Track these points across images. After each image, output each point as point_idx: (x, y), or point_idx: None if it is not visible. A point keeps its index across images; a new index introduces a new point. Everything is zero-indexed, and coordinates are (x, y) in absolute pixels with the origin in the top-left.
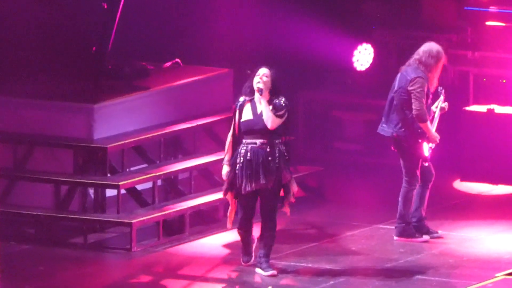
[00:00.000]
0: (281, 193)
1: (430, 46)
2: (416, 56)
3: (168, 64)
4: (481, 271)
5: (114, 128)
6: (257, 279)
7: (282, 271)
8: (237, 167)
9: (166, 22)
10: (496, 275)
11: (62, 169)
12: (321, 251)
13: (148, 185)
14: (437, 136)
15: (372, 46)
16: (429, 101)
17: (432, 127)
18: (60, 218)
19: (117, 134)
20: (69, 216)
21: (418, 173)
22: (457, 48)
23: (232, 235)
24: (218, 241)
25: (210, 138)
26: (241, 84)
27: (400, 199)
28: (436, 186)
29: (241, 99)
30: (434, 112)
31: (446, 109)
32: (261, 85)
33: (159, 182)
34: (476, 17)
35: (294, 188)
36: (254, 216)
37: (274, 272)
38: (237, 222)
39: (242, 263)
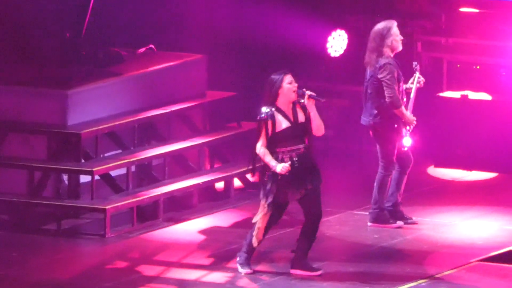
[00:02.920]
0: None
1: (376, 28)
2: (373, 44)
3: (142, 50)
4: (455, 257)
5: (88, 114)
6: (232, 264)
7: (257, 257)
8: (279, 177)
9: (140, 8)
10: (470, 261)
11: (36, 155)
12: (296, 237)
13: (122, 171)
14: (413, 119)
15: (346, 32)
16: (402, 84)
17: (409, 107)
18: (34, 204)
19: (91, 120)
20: (43, 202)
21: (394, 159)
22: (431, 35)
23: (206, 221)
24: (192, 227)
25: (184, 124)
26: (215, 70)
27: (375, 184)
28: (410, 172)
29: (266, 109)
30: (410, 91)
31: (423, 84)
32: (309, 92)
33: (133, 168)
34: (449, 4)
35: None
36: None
37: (321, 271)
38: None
39: (245, 272)
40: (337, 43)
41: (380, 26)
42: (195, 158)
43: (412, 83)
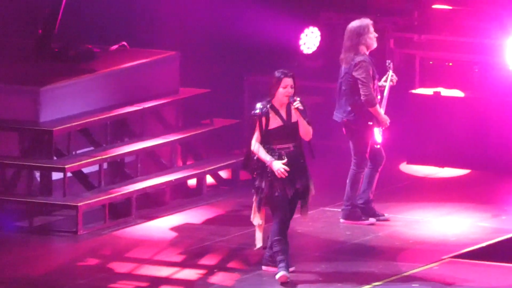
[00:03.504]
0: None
1: (348, 27)
2: (349, 42)
3: (115, 47)
4: (428, 254)
5: (60, 111)
6: (205, 260)
7: (229, 254)
8: (269, 175)
9: (113, 4)
10: (443, 257)
11: (8, 152)
12: (266, 234)
13: (95, 168)
14: (387, 119)
15: (319, 29)
16: (376, 82)
17: (383, 106)
18: (6, 201)
19: (63, 117)
20: (15, 199)
21: (367, 156)
22: (403, 31)
23: (178, 218)
24: (165, 224)
25: (157, 121)
26: (188, 67)
27: (348, 181)
28: (383, 169)
29: (260, 105)
30: (383, 89)
31: (395, 82)
32: (297, 104)
33: (105, 165)
34: (422, 0)
35: (313, 189)
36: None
37: (293, 267)
38: (274, 232)
39: (282, 279)
40: (309, 40)
41: (356, 24)
42: (167, 155)
43: (385, 81)
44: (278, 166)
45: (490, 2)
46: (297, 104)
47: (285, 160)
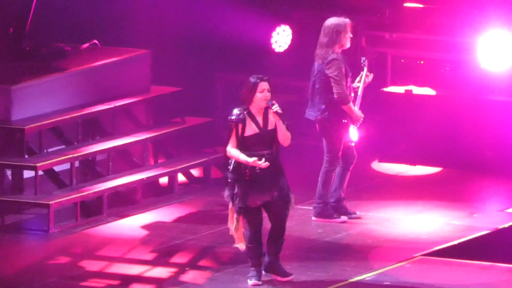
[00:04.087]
0: None
1: (327, 23)
2: (326, 38)
3: (86, 45)
4: (399, 252)
5: (32, 109)
6: (176, 259)
7: (200, 252)
8: (243, 182)
9: (84, 3)
10: (414, 255)
11: None
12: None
13: (66, 166)
14: (361, 116)
15: (291, 27)
16: (349, 79)
17: (357, 104)
18: None
19: (34, 116)
20: None
21: (339, 154)
22: (375, 30)
23: (149, 216)
24: (136, 222)
25: (128, 119)
26: (159, 66)
27: (319, 179)
28: (355, 167)
29: (237, 111)
30: (357, 89)
31: (371, 79)
32: (276, 108)
33: (77, 164)
34: None
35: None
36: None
37: (292, 275)
38: (246, 238)
39: (251, 283)
40: (281, 38)
41: (335, 21)
42: (139, 153)
43: (359, 81)
44: (253, 160)
45: (462, 1)
46: (275, 107)
47: (266, 163)
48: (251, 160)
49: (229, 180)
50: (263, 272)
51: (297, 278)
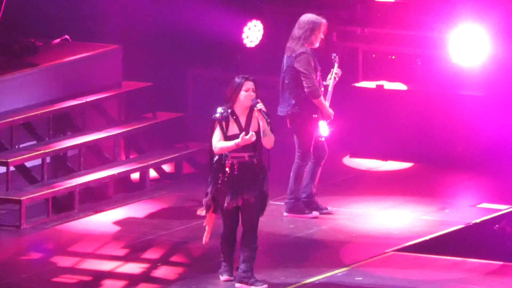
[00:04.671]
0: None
1: (303, 18)
2: (300, 32)
3: (57, 40)
4: (371, 247)
5: (3, 105)
6: (148, 254)
7: (172, 248)
8: (220, 181)
9: None
10: (386, 250)
11: None
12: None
13: (37, 162)
14: (331, 113)
15: (262, 22)
16: (319, 74)
17: (327, 100)
18: None
19: (5, 111)
20: None
21: (311, 149)
22: (346, 25)
23: (121, 212)
24: (108, 218)
25: (100, 115)
26: (130, 61)
27: (291, 175)
28: (326, 162)
29: (221, 110)
30: (328, 85)
31: (340, 74)
32: (260, 106)
33: (48, 159)
34: None
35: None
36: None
37: (266, 285)
38: (219, 236)
39: (222, 279)
40: (252, 33)
41: (312, 18)
42: (110, 148)
43: (330, 78)
44: (242, 137)
45: None
46: (260, 105)
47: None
48: (233, 142)
49: (209, 179)
50: (237, 284)
51: (268, 273)
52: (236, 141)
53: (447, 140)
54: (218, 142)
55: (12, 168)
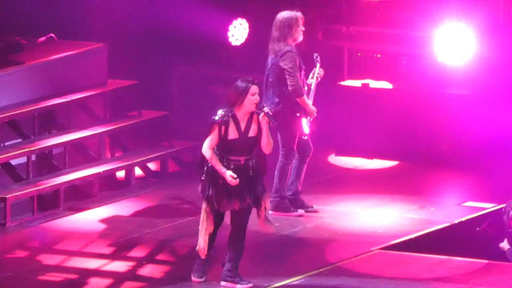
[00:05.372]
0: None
1: (278, 18)
2: (278, 33)
3: (42, 39)
4: (356, 245)
5: None
6: (133, 253)
7: (158, 246)
8: (221, 183)
9: None
10: (371, 249)
11: None
12: (197, 226)
13: (23, 160)
14: (314, 110)
15: (248, 21)
16: (303, 72)
17: (310, 99)
18: None
19: None
20: None
21: (295, 147)
22: (331, 23)
23: (106, 210)
24: (93, 216)
25: (85, 113)
26: (115, 59)
27: (276, 173)
28: (311, 161)
29: (222, 112)
30: (311, 84)
31: (322, 75)
32: (267, 109)
33: (33, 157)
34: None
35: (267, 203)
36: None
37: (251, 284)
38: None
39: (194, 279)
40: (238, 31)
41: (286, 15)
42: (95, 147)
43: (312, 78)
44: (229, 175)
45: None
46: (266, 109)
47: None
48: (226, 173)
49: (203, 178)
50: (222, 282)
51: (253, 271)
52: (223, 171)
53: (433, 138)
54: (209, 151)
55: None
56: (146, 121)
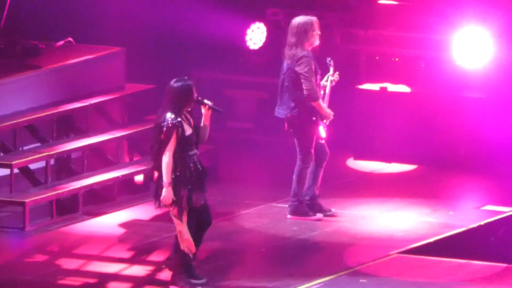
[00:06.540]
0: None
1: (293, 23)
2: (295, 38)
3: (61, 43)
4: (375, 249)
5: (7, 107)
6: (152, 257)
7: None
8: (187, 182)
9: (59, 0)
10: (390, 253)
11: None
12: (214, 230)
13: (41, 164)
14: (330, 113)
15: (265, 25)
16: (319, 77)
17: (325, 103)
18: None
19: (9, 113)
20: None
21: (312, 151)
22: (349, 27)
23: (125, 214)
24: (112, 220)
25: (103, 117)
26: (133, 63)
27: (294, 177)
28: (330, 165)
29: (173, 115)
30: (325, 87)
31: (337, 79)
32: (208, 102)
33: (52, 161)
34: None
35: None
36: None
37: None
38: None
39: (195, 281)
40: (256, 35)
41: (301, 20)
42: (114, 151)
43: (327, 80)
44: (169, 195)
45: None
46: (209, 103)
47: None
48: (169, 181)
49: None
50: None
51: (272, 276)
52: (166, 184)
53: (451, 142)
54: (168, 159)
55: (16, 170)
56: None
